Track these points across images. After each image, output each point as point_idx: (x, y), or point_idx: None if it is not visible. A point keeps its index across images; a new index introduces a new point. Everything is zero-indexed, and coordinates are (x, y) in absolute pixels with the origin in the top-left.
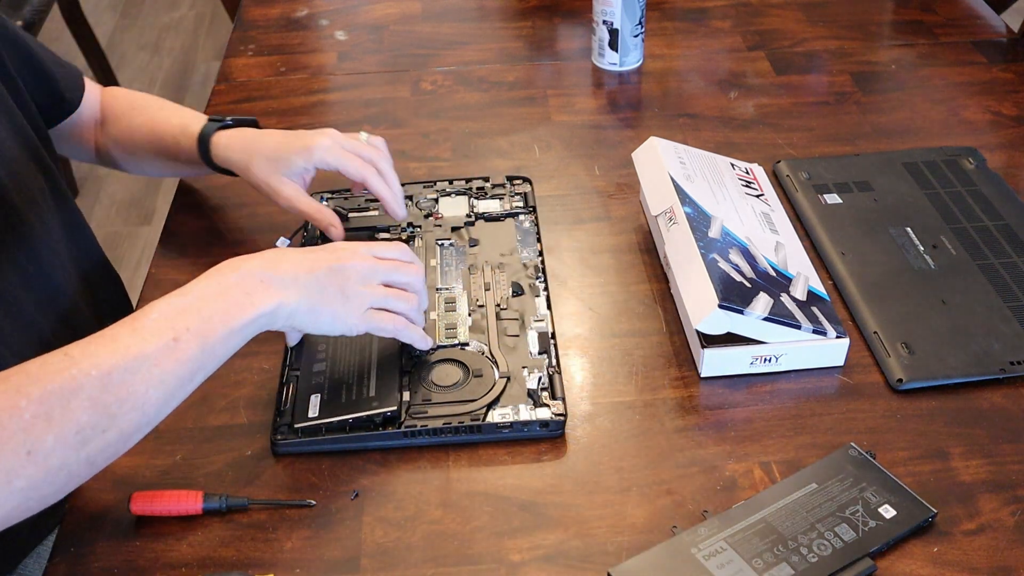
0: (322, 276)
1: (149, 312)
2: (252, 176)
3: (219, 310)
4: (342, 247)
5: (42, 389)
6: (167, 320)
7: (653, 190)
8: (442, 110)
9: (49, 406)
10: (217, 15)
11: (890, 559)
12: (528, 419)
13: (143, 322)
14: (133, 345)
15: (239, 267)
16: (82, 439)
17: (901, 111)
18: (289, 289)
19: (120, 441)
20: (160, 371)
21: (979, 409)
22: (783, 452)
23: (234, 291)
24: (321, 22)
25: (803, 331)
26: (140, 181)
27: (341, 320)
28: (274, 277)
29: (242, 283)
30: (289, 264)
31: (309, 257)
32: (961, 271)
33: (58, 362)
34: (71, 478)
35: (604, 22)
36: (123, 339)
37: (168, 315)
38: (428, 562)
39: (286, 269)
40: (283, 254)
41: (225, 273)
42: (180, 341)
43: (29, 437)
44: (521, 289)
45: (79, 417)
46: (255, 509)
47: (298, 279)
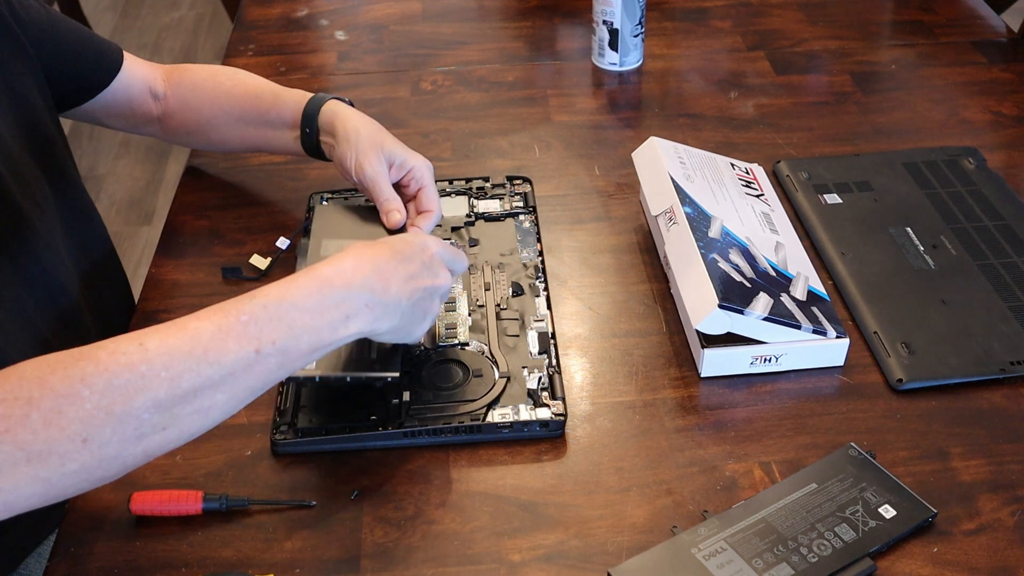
0: (419, 301)
1: (240, 309)
2: (351, 143)
3: (312, 327)
4: (431, 258)
5: (107, 382)
6: (256, 326)
7: (653, 190)
8: (442, 110)
9: (111, 400)
10: (217, 15)
11: (890, 559)
12: (528, 419)
13: (230, 322)
14: (213, 349)
15: (350, 283)
16: (140, 434)
17: (901, 111)
18: (387, 317)
19: (179, 439)
20: (235, 381)
21: (979, 409)
22: (783, 452)
23: (335, 311)
24: (321, 22)
25: (803, 331)
26: (140, 181)
27: (411, 338)
28: (379, 303)
29: (346, 303)
30: (396, 288)
31: (412, 277)
32: (961, 271)
33: (130, 352)
34: (124, 467)
35: (604, 22)
36: (204, 339)
37: (259, 320)
38: (428, 562)
39: (393, 294)
40: (392, 272)
41: (333, 286)
42: (262, 354)
43: (87, 426)
44: (521, 289)
45: (140, 415)
46: (255, 509)
47: (399, 307)
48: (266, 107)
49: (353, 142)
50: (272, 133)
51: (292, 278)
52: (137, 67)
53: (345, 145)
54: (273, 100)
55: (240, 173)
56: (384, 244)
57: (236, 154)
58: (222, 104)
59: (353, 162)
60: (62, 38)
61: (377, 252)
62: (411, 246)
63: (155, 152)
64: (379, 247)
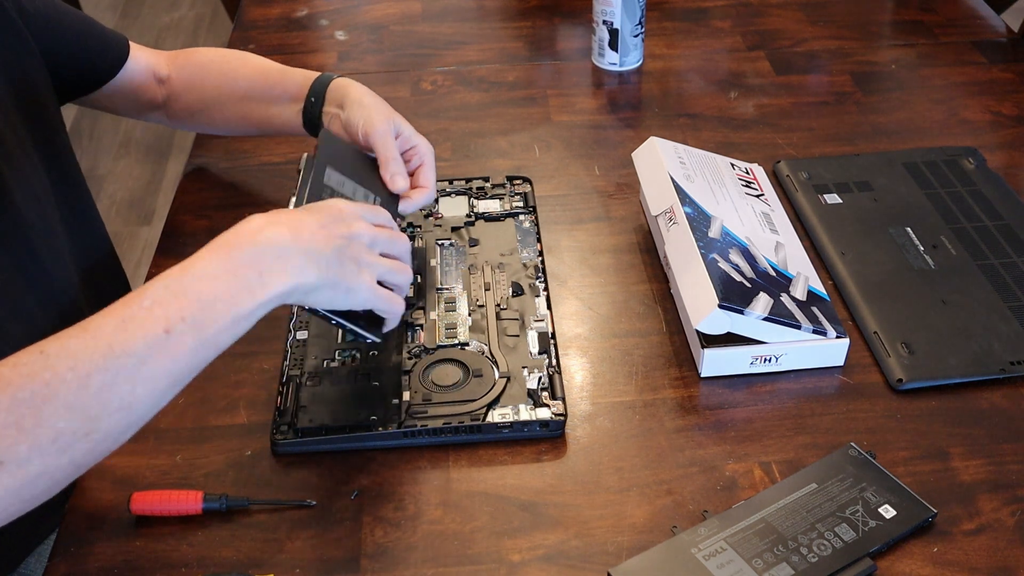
0: (340, 248)
1: (142, 296)
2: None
3: (225, 293)
4: (341, 211)
5: (11, 397)
6: (161, 307)
7: (653, 190)
8: (442, 110)
9: (19, 415)
10: (217, 15)
11: (890, 559)
12: (528, 419)
13: (133, 310)
14: (117, 342)
15: (255, 239)
16: (61, 445)
17: (901, 111)
18: (309, 266)
19: (107, 441)
20: (149, 369)
21: (979, 409)
22: (783, 452)
23: (246, 271)
24: (321, 22)
25: (803, 331)
26: (140, 181)
27: (355, 294)
28: (293, 250)
29: (257, 261)
30: (309, 234)
31: (324, 226)
32: (961, 271)
33: (31, 363)
34: (55, 483)
35: (604, 22)
36: (106, 333)
37: (162, 300)
38: (428, 562)
39: (306, 240)
40: (300, 221)
41: (238, 247)
42: (173, 333)
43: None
44: (521, 289)
45: (55, 424)
46: (255, 509)
47: (318, 254)
48: (272, 82)
49: (367, 106)
50: (275, 109)
51: (195, 254)
52: (141, 54)
53: (357, 109)
54: (280, 76)
55: (240, 173)
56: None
57: (236, 152)
58: (229, 81)
59: (363, 123)
60: (67, 29)
61: (280, 212)
62: (321, 205)
63: (155, 152)
64: (282, 211)
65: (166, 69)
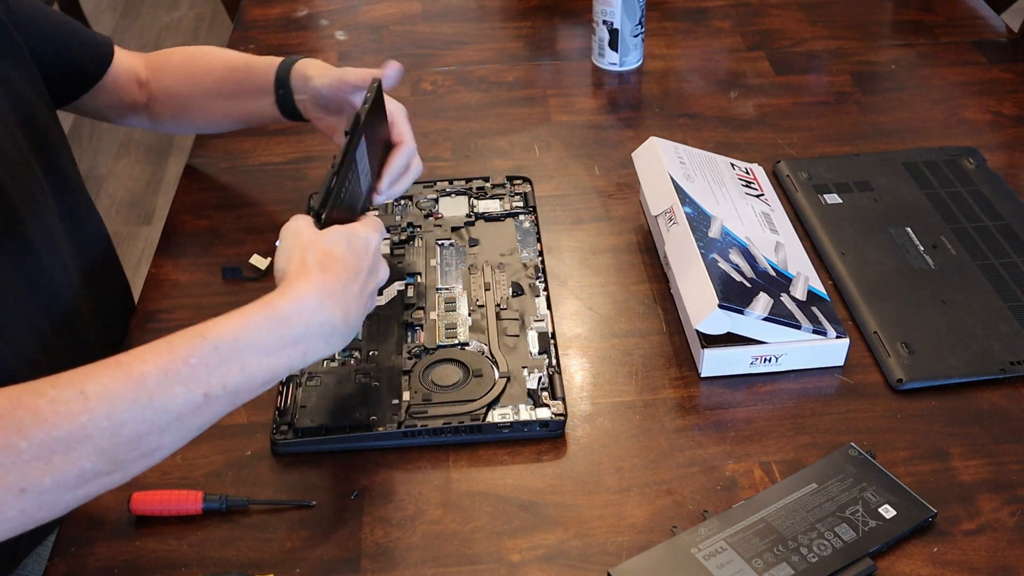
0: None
1: (188, 352)
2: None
3: (267, 366)
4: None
5: (46, 434)
6: (206, 369)
7: (653, 190)
8: (442, 110)
9: (51, 451)
10: (217, 15)
11: (890, 559)
12: (528, 419)
13: (177, 365)
14: (159, 395)
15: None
16: (82, 481)
17: (901, 111)
18: (344, 339)
19: (122, 480)
20: (182, 427)
21: (979, 409)
22: (783, 452)
23: (291, 350)
24: (321, 22)
25: (803, 331)
26: (140, 181)
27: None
28: (338, 332)
29: (305, 342)
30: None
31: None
32: (961, 271)
33: (70, 402)
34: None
35: (604, 22)
36: (149, 385)
37: (209, 363)
38: (428, 562)
39: (353, 320)
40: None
41: (292, 325)
42: (211, 397)
43: (25, 478)
44: (521, 289)
45: (82, 464)
46: (255, 509)
47: (351, 326)
48: (240, 77)
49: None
50: (252, 103)
51: (246, 312)
52: (124, 57)
53: (324, 72)
54: (246, 70)
55: (240, 173)
56: (332, 260)
57: (236, 152)
58: (201, 82)
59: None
60: (52, 30)
61: (332, 277)
62: (356, 253)
63: (155, 152)
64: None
65: (145, 72)
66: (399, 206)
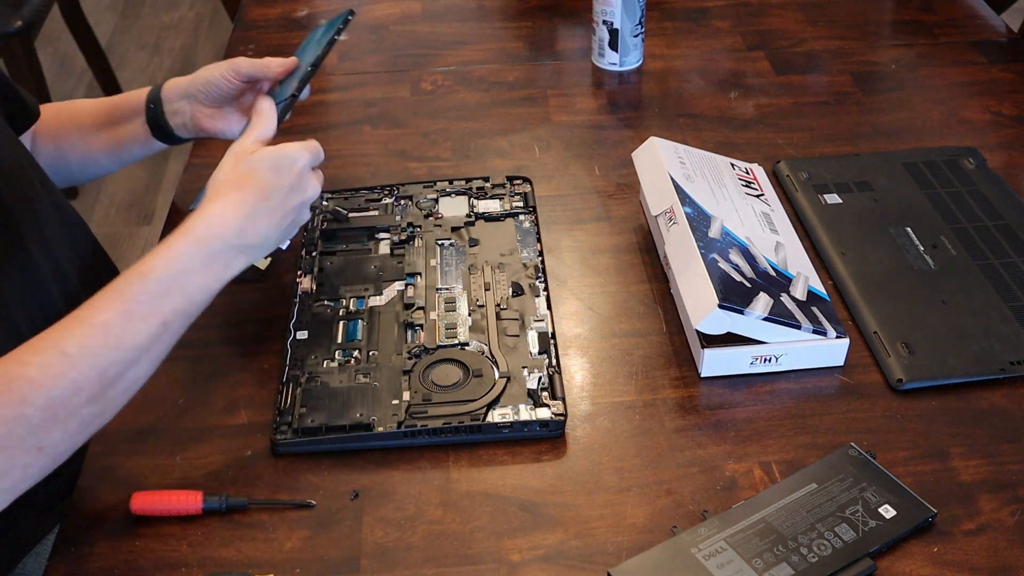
0: (291, 221)
1: (137, 290)
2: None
3: (201, 285)
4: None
5: (46, 397)
6: (155, 302)
7: (653, 190)
8: (442, 110)
9: (55, 410)
10: (217, 15)
11: (890, 559)
12: (528, 419)
13: (132, 307)
14: (127, 336)
15: (223, 236)
16: (84, 426)
17: (901, 111)
18: (264, 249)
19: (112, 415)
20: (151, 355)
21: (979, 409)
22: (783, 452)
23: (215, 264)
24: (321, 22)
25: (803, 331)
26: (140, 181)
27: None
28: (252, 246)
29: (223, 256)
30: (266, 224)
31: (281, 207)
32: (961, 271)
33: (57, 364)
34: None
35: (604, 22)
36: (116, 329)
37: (156, 294)
38: (428, 562)
39: (263, 232)
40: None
41: (208, 243)
42: (168, 324)
43: (39, 438)
44: (521, 289)
45: (81, 412)
46: (255, 509)
47: (273, 236)
48: (112, 105)
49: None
50: (122, 130)
51: (170, 243)
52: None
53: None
54: (121, 97)
55: None
56: (251, 178)
57: None
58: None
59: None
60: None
61: (244, 195)
62: (279, 171)
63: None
64: (246, 185)
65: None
66: (399, 206)
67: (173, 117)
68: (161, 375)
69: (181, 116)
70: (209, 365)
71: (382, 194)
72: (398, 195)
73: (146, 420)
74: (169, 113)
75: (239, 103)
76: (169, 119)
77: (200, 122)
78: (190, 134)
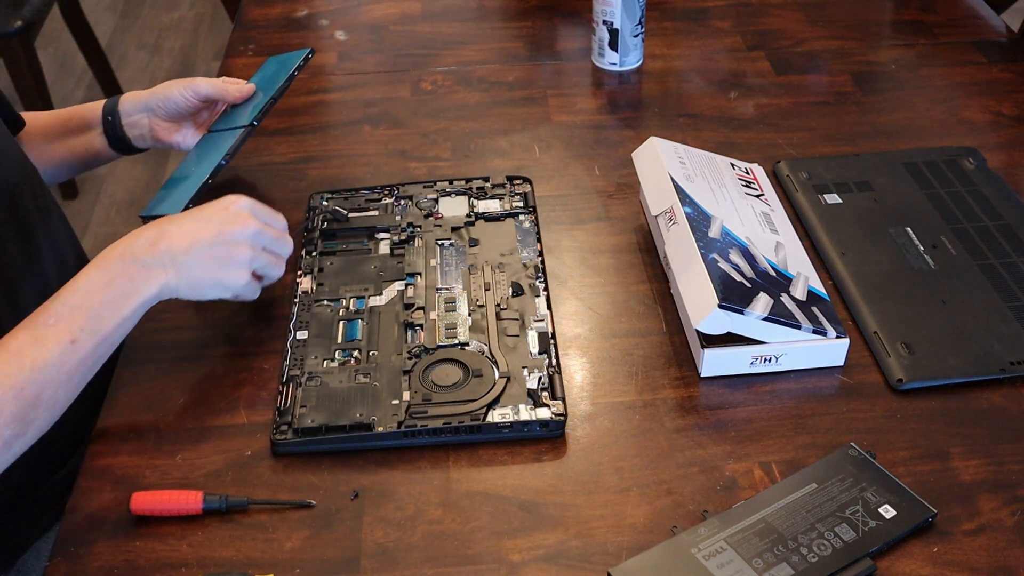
0: (204, 249)
1: (46, 316)
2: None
3: (107, 302)
4: (233, 208)
5: None
6: (64, 322)
7: (653, 190)
8: (442, 110)
9: None
10: (217, 15)
11: (890, 559)
12: (528, 419)
13: (42, 330)
14: (38, 356)
15: (123, 253)
16: (5, 446)
17: (901, 111)
18: (168, 270)
19: (38, 435)
20: (65, 372)
21: (979, 409)
22: (783, 452)
23: (118, 281)
24: (321, 22)
25: (803, 331)
26: (140, 181)
27: (224, 286)
28: (154, 260)
29: (125, 271)
30: (167, 243)
31: (191, 228)
32: (961, 271)
33: None
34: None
35: (604, 22)
36: (28, 352)
37: (63, 316)
38: (428, 562)
39: (164, 249)
40: (165, 231)
41: (110, 261)
42: (78, 342)
43: None
44: (521, 289)
45: (4, 433)
46: (255, 509)
47: (176, 260)
48: (67, 116)
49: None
50: (78, 140)
51: (83, 269)
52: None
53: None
54: (73, 110)
55: (240, 173)
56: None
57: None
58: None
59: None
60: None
61: (155, 224)
62: (210, 204)
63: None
64: (158, 221)
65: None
66: (399, 206)
67: (131, 129)
68: (161, 375)
69: (139, 128)
70: (209, 365)
71: (382, 194)
72: (398, 195)
73: (146, 420)
74: (127, 125)
75: (195, 118)
76: (127, 131)
77: (157, 133)
78: (147, 144)
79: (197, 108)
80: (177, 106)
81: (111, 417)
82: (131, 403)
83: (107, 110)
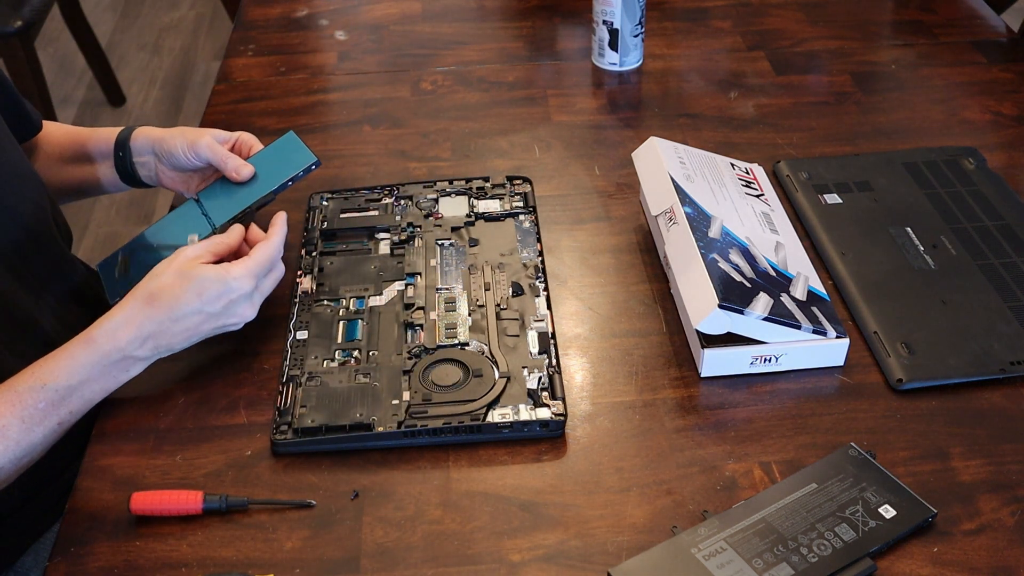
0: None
1: (36, 399)
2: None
3: (100, 389)
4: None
5: None
6: (53, 407)
7: (653, 190)
8: (442, 110)
9: None
10: (217, 15)
11: (890, 559)
12: (528, 419)
13: (31, 412)
14: (23, 439)
15: (122, 348)
16: None
17: (901, 111)
18: (167, 353)
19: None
20: (43, 448)
21: (979, 409)
22: (783, 452)
23: (114, 370)
24: (321, 22)
25: (803, 331)
26: None
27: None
28: (152, 355)
29: (123, 363)
30: (166, 340)
31: (192, 324)
32: (961, 271)
33: None
34: None
35: (604, 22)
36: (13, 434)
37: (54, 402)
38: (428, 562)
39: (164, 346)
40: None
41: (107, 353)
42: (64, 423)
43: None
44: (521, 289)
45: None
46: (255, 509)
47: (172, 348)
48: (83, 139)
49: (179, 133)
50: (90, 169)
51: (70, 351)
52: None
53: (171, 138)
54: (89, 134)
55: None
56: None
57: None
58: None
59: (184, 144)
60: None
61: (153, 311)
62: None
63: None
64: (160, 302)
65: None
66: (399, 206)
67: (141, 168)
68: (161, 375)
69: (147, 168)
70: (209, 365)
71: (382, 194)
72: (398, 195)
73: (146, 420)
74: (138, 164)
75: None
76: (138, 169)
77: (162, 179)
78: (155, 184)
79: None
80: (179, 161)
81: (111, 417)
82: (131, 403)
83: (119, 144)
